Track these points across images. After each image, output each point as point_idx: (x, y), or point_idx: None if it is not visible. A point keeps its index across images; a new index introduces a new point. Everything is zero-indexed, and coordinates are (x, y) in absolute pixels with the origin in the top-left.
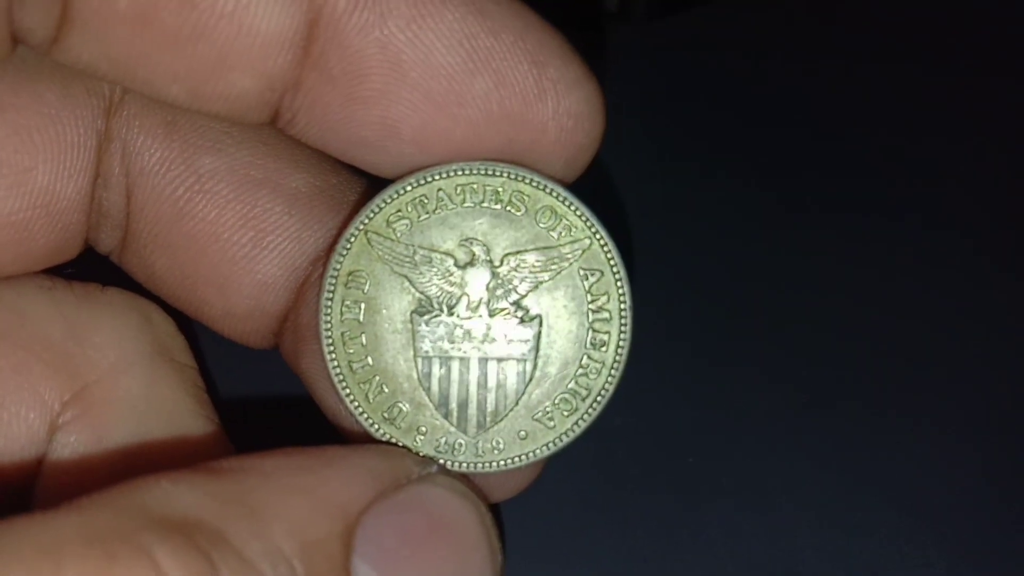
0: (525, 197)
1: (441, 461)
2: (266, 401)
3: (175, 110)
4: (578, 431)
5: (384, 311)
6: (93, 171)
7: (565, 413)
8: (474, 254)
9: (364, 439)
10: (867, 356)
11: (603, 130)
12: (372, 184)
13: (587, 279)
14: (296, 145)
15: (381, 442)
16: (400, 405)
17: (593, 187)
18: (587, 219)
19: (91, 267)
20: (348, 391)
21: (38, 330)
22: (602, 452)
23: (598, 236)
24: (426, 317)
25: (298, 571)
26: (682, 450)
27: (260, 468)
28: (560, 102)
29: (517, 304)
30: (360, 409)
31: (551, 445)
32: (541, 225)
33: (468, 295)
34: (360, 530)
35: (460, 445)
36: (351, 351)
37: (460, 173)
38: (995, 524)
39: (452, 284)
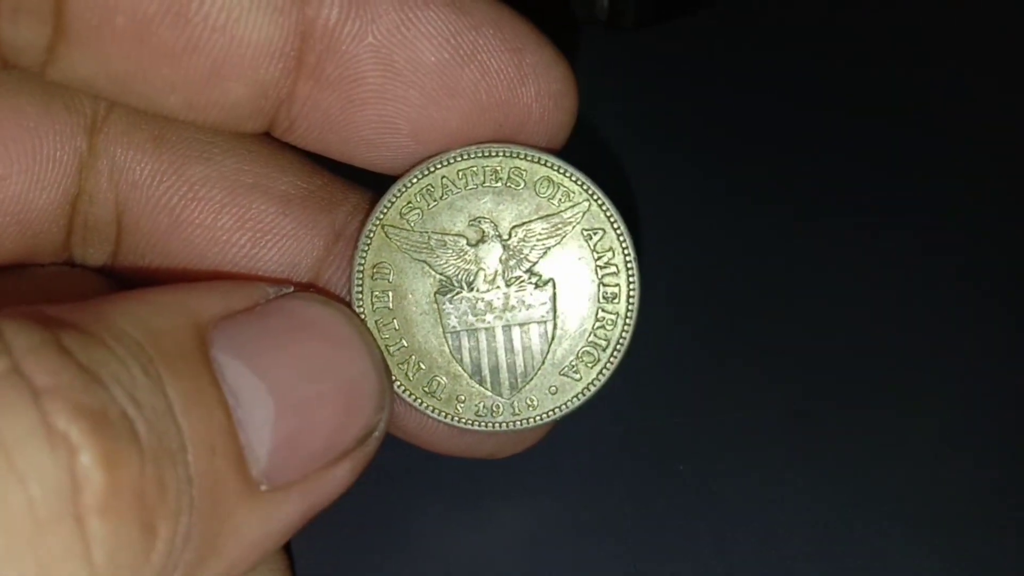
0: (522, 172)
1: (483, 423)
2: None
3: (162, 124)
4: (603, 379)
5: (410, 296)
6: (71, 186)
7: (589, 364)
8: (484, 231)
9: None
10: (859, 363)
11: (578, 105)
12: (356, 184)
13: (591, 238)
14: (280, 151)
15: (426, 415)
16: (438, 379)
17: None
18: (583, 183)
19: None
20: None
21: None
22: (592, 459)
23: (595, 197)
24: (449, 296)
25: (146, 348)
26: (671, 457)
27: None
28: (540, 84)
29: (530, 271)
30: (402, 387)
31: (581, 396)
32: (541, 195)
33: (484, 270)
34: (215, 331)
35: (498, 407)
36: (386, 336)
37: (460, 159)
38: (989, 529)
39: (468, 262)
